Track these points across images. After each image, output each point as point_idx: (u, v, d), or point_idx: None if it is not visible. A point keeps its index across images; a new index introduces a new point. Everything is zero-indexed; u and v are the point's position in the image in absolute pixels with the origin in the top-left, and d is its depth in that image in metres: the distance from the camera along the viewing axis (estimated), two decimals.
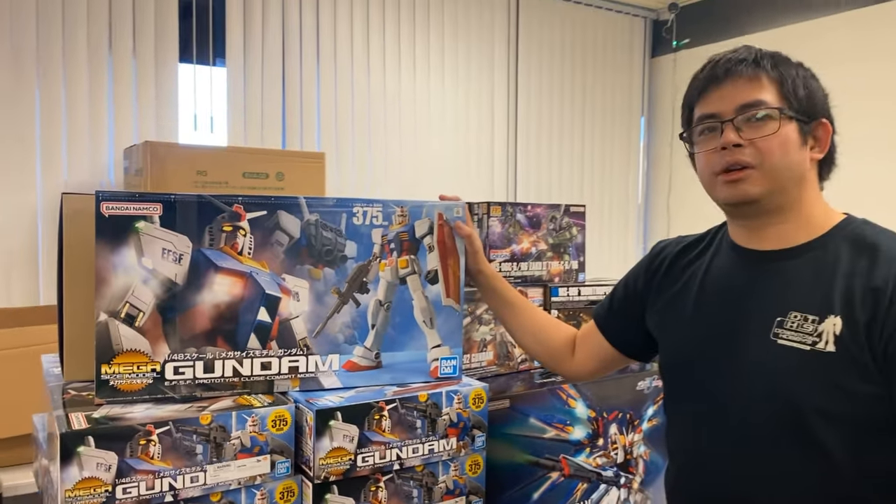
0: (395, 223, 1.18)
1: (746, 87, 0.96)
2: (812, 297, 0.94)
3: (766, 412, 0.96)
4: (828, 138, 1.00)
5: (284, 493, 1.07)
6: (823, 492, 0.93)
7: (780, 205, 0.98)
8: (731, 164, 0.96)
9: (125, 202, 1.02)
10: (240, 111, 2.94)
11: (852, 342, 0.90)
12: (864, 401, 0.90)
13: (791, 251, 0.99)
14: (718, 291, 1.05)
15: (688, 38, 4.11)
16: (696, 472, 1.07)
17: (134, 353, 1.04)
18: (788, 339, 0.94)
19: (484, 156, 3.70)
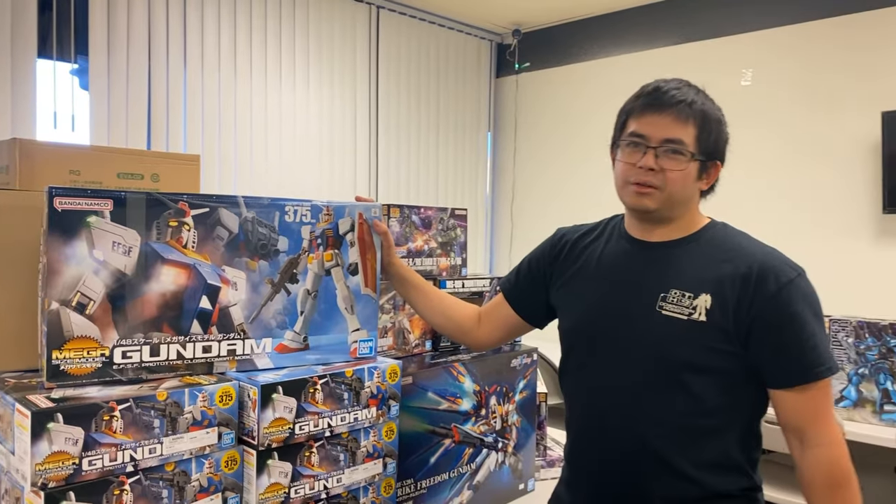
0: (322, 221, 1.34)
1: (675, 125, 1.18)
2: (688, 278, 1.20)
3: (653, 367, 1.21)
4: (717, 175, 1.26)
5: (229, 461, 1.19)
6: (695, 425, 1.19)
7: (669, 216, 1.24)
8: (642, 182, 1.20)
9: (77, 197, 1.10)
10: (103, 110, 2.87)
11: (720, 314, 1.16)
12: (726, 358, 1.17)
13: (673, 243, 1.25)
14: (613, 272, 1.29)
15: (528, 62, 4.55)
16: (591, 411, 1.30)
17: (84, 339, 1.11)
18: (670, 311, 1.19)
19: (347, 160, 3.85)
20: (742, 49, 3.64)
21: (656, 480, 1.22)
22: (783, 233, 3.50)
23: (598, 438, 1.28)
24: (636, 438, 1.22)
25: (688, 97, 1.20)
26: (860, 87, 3.28)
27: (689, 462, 1.20)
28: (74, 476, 1.02)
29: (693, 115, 1.19)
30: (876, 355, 2.70)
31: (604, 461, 1.28)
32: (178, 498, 1.13)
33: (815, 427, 1.16)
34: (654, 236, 1.27)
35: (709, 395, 1.18)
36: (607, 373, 1.26)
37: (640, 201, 1.21)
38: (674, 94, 1.20)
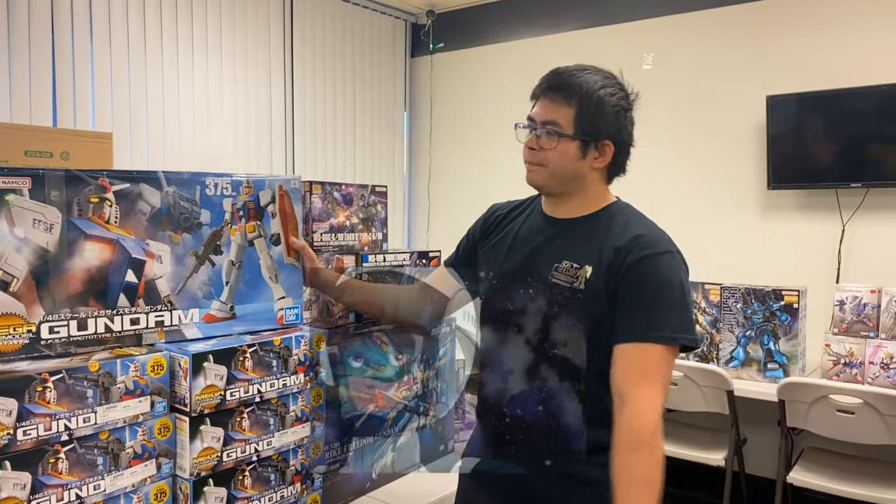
0: (243, 193, 1.39)
1: (553, 107, 1.31)
2: (578, 251, 1.32)
3: (540, 331, 1.34)
4: (610, 154, 1.33)
5: (161, 428, 1.23)
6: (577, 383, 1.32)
7: (562, 191, 1.36)
8: (528, 159, 1.35)
9: None
10: (3, 85, 2.75)
11: (596, 283, 1.28)
12: (601, 324, 1.28)
13: (574, 220, 1.37)
14: (524, 243, 1.41)
15: (442, 43, 4.62)
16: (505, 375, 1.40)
17: (9, 316, 1.12)
18: (558, 279, 1.32)
19: (263, 138, 3.83)
20: (643, 34, 3.85)
21: (545, 436, 1.34)
22: (679, 207, 3.77)
23: (498, 399, 1.40)
24: (528, 397, 1.34)
25: (568, 81, 1.31)
26: (749, 73, 3.54)
27: (574, 418, 1.31)
28: (9, 446, 1.04)
29: (570, 98, 1.29)
30: (761, 318, 2.97)
31: (502, 416, 1.39)
32: (112, 465, 1.17)
33: (635, 388, 1.21)
34: (559, 212, 1.39)
35: (587, 356, 1.29)
36: (514, 340, 1.38)
37: (529, 177, 1.36)
38: (556, 79, 1.32)
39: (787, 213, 3.49)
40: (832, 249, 3.36)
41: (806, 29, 3.40)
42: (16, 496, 1.05)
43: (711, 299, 3.10)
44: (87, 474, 1.13)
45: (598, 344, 1.29)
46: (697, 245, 3.69)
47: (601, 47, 3.98)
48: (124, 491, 1.18)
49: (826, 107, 3.25)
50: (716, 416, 3.01)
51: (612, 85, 1.33)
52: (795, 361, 2.91)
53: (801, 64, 3.39)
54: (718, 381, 2.87)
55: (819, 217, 3.40)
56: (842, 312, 2.90)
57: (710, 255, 3.64)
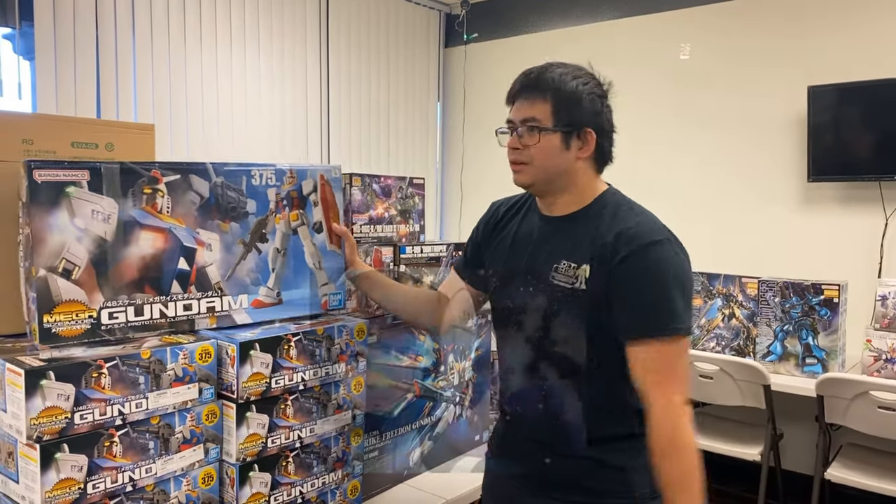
0: (286, 183, 1.42)
1: (529, 106, 1.30)
2: (575, 250, 1.30)
3: (544, 329, 1.32)
4: (592, 142, 1.31)
5: (209, 415, 1.27)
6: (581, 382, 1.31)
7: (553, 188, 1.33)
8: (513, 160, 1.33)
9: (55, 169, 1.15)
10: (50, 78, 2.82)
11: (595, 282, 1.26)
12: (599, 321, 1.26)
13: (568, 217, 1.34)
14: (523, 243, 1.40)
15: (476, 33, 4.61)
16: (508, 372, 1.43)
17: (72, 302, 1.17)
18: (558, 280, 1.30)
19: (299, 130, 3.88)
20: (681, 24, 3.79)
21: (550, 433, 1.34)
22: (717, 199, 3.72)
23: (510, 397, 1.42)
24: (533, 397, 1.35)
25: (539, 79, 1.30)
26: (789, 63, 3.47)
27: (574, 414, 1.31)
28: (67, 429, 1.09)
29: (544, 93, 1.29)
30: (799, 313, 2.93)
31: (514, 415, 1.41)
32: (163, 449, 1.21)
33: (652, 391, 1.22)
34: (554, 210, 1.37)
35: (592, 355, 1.28)
36: (515, 338, 1.38)
37: (516, 178, 1.34)
38: (527, 80, 1.32)
39: (828, 206, 3.43)
40: (874, 243, 3.30)
41: (848, 18, 3.32)
42: (73, 478, 1.10)
43: (749, 293, 3.07)
44: (139, 458, 1.17)
45: (605, 341, 1.27)
46: (736, 238, 3.66)
47: (637, 37, 3.93)
48: (174, 474, 1.22)
49: (869, 98, 3.18)
50: (751, 411, 2.98)
51: (583, 75, 1.32)
52: (835, 357, 2.86)
53: (843, 54, 3.32)
54: (755, 375, 2.84)
55: (861, 210, 3.33)
56: (884, 308, 2.85)
57: (749, 248, 3.60)
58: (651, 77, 3.88)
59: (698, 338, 3.19)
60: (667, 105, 3.85)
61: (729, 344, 3.11)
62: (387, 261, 1.79)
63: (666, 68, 3.83)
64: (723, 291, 3.14)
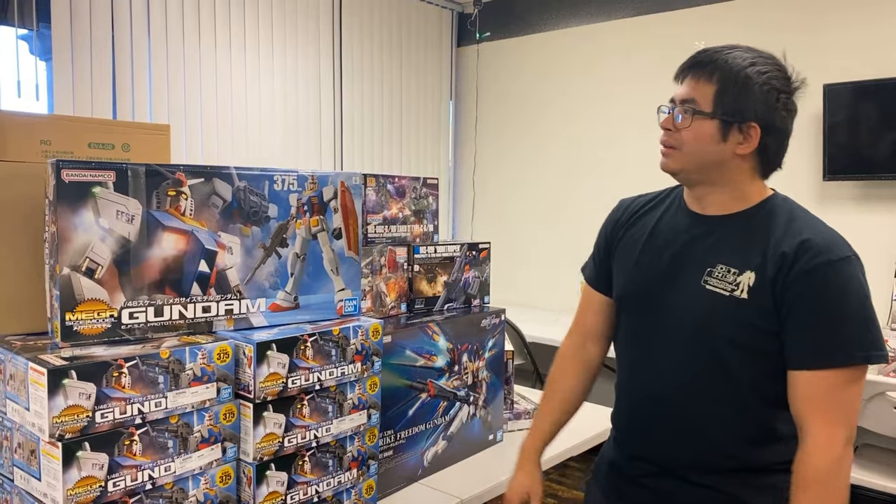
0: (307, 189, 1.43)
1: (692, 85, 1.20)
2: (736, 255, 1.18)
3: (695, 342, 1.21)
4: (756, 138, 1.18)
5: (227, 414, 1.28)
6: (737, 401, 1.20)
7: (702, 180, 1.22)
8: (663, 142, 1.24)
9: (82, 170, 1.16)
10: (66, 78, 2.85)
11: (761, 292, 1.14)
12: (768, 338, 1.15)
13: (726, 217, 1.23)
14: (666, 241, 1.28)
15: (489, 32, 4.61)
16: (636, 378, 1.32)
17: (94, 301, 1.18)
18: (714, 286, 1.18)
19: (312, 129, 3.89)
20: (695, 22, 3.77)
21: (687, 447, 1.24)
22: None
23: (642, 409, 1.31)
24: (676, 412, 1.24)
25: (712, 57, 1.19)
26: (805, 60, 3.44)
27: (730, 435, 1.21)
28: (88, 428, 1.10)
29: (713, 74, 1.18)
30: None
31: (647, 429, 1.30)
32: (182, 448, 1.22)
33: (816, 423, 1.11)
34: (708, 209, 1.25)
35: (751, 372, 1.18)
36: (651, 345, 1.27)
37: (664, 162, 1.24)
38: (698, 56, 1.22)
39: (843, 205, 3.41)
40: (891, 242, 3.27)
41: (863, 16, 3.29)
42: (94, 475, 1.11)
43: None
44: (158, 456, 1.19)
45: (761, 360, 1.17)
46: None
47: (650, 35, 3.92)
48: (192, 473, 1.24)
49: (885, 96, 3.16)
50: None
51: (765, 63, 1.20)
52: None
53: (859, 52, 3.29)
54: None
55: (877, 209, 3.31)
56: None
57: None
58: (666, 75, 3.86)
59: None
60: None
61: None
62: (401, 261, 1.80)
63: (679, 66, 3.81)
64: None
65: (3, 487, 1.23)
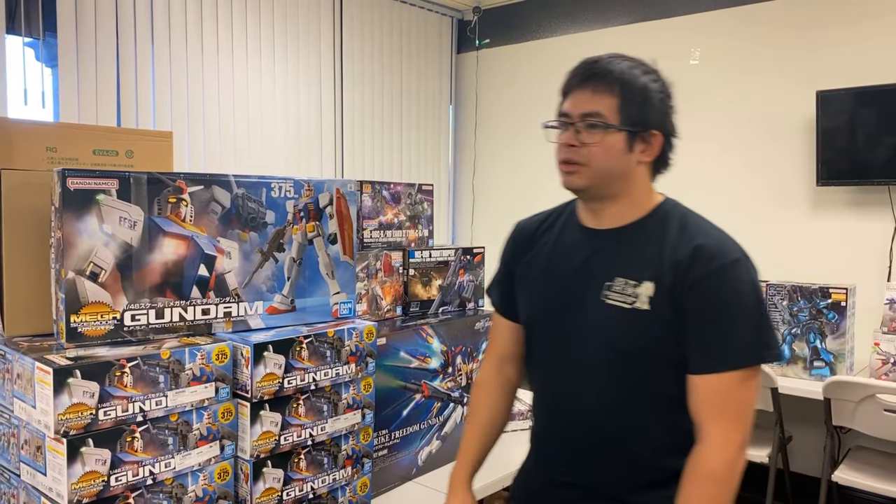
0: (304, 196, 1.48)
1: (591, 98, 1.16)
2: (633, 267, 1.17)
3: (603, 356, 1.20)
4: (658, 146, 1.20)
5: (225, 412, 1.33)
6: (647, 412, 1.19)
7: (607, 193, 1.20)
8: (566, 159, 1.19)
9: (87, 178, 1.21)
10: (72, 86, 2.91)
11: (661, 302, 1.14)
12: (671, 347, 1.15)
13: (621, 230, 1.22)
14: (564, 262, 1.26)
15: (488, 39, 4.67)
16: (554, 402, 1.30)
17: (98, 304, 1.24)
18: (614, 300, 1.18)
19: (313, 135, 3.95)
20: (690, 29, 3.82)
21: (615, 466, 1.22)
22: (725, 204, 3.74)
23: (559, 428, 1.29)
24: (593, 428, 1.22)
25: (606, 69, 1.17)
26: (798, 68, 3.49)
27: (649, 447, 1.20)
28: (92, 425, 1.15)
29: (612, 86, 1.16)
30: (807, 316, 2.95)
31: (566, 449, 1.28)
32: (181, 445, 1.27)
33: (714, 425, 1.12)
34: (603, 223, 1.24)
35: (659, 382, 1.17)
36: (564, 368, 1.26)
37: (569, 180, 1.20)
38: (592, 68, 1.18)
39: (837, 210, 3.45)
40: (884, 247, 3.31)
41: (856, 23, 3.34)
42: (98, 470, 1.16)
43: None
44: (158, 453, 1.24)
45: (668, 368, 1.16)
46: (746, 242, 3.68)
47: (647, 42, 3.97)
48: (191, 469, 1.28)
49: (878, 102, 3.20)
50: (760, 413, 3.00)
51: (652, 71, 1.22)
52: (843, 360, 2.88)
53: (852, 59, 3.34)
54: (763, 378, 2.87)
55: (870, 214, 3.35)
56: (892, 311, 2.86)
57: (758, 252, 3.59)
58: None
59: None
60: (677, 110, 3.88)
61: None
62: (396, 265, 1.85)
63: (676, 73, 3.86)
64: None
65: (10, 482, 1.28)
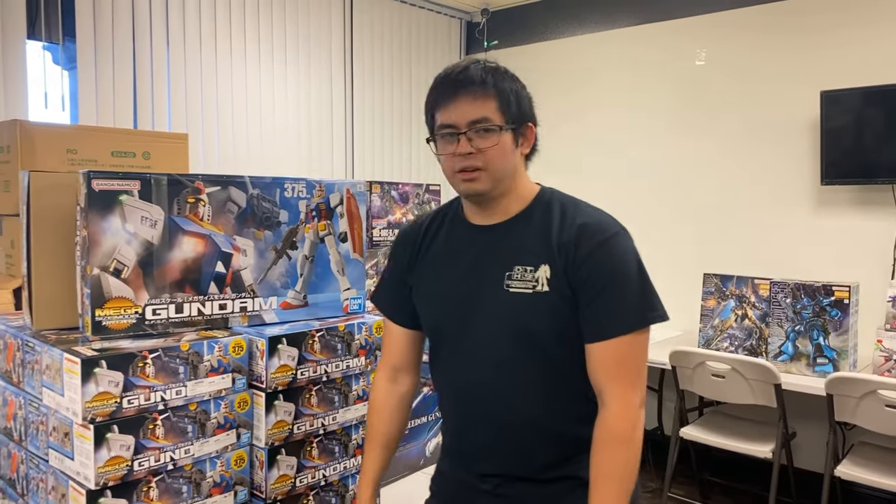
0: (315, 196, 1.54)
1: (474, 105, 1.18)
2: (527, 253, 1.22)
3: (514, 345, 1.22)
4: (532, 136, 1.26)
5: (241, 402, 1.40)
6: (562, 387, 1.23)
7: (501, 191, 1.24)
8: (466, 167, 1.20)
9: (110, 179, 1.28)
10: (90, 90, 3.00)
11: (557, 281, 1.19)
12: (573, 323, 1.19)
13: (508, 222, 1.26)
14: (458, 262, 1.28)
15: (496, 40, 4.72)
16: (469, 401, 1.29)
17: (121, 299, 1.31)
18: (517, 287, 1.21)
19: (324, 137, 4.02)
20: (696, 30, 3.86)
21: (534, 446, 1.25)
22: (730, 203, 3.78)
23: (476, 420, 1.29)
24: (512, 413, 1.25)
25: (476, 76, 1.20)
26: (802, 68, 3.53)
27: (564, 421, 1.24)
28: (116, 412, 1.22)
29: (487, 91, 1.19)
30: (810, 313, 2.99)
31: (485, 441, 1.28)
32: (200, 432, 1.34)
33: (613, 387, 1.17)
34: (491, 218, 1.27)
35: (567, 357, 1.22)
36: (474, 360, 1.26)
37: (471, 186, 1.22)
38: (462, 77, 1.20)
39: (841, 209, 3.48)
40: (887, 245, 3.34)
41: (860, 23, 3.37)
42: (122, 455, 1.23)
43: (761, 294, 3.13)
44: (179, 440, 1.31)
45: (574, 344, 1.21)
46: (749, 240, 3.72)
47: (654, 43, 4.01)
48: (209, 456, 1.35)
49: (882, 102, 3.23)
50: (764, 410, 3.04)
51: (504, 69, 1.25)
52: (846, 356, 2.92)
53: (855, 59, 3.36)
54: (766, 374, 2.91)
55: (874, 213, 3.38)
56: (895, 308, 2.90)
57: (762, 250, 3.66)
58: (667, 82, 3.96)
59: (712, 338, 3.26)
60: (682, 109, 3.92)
61: (742, 344, 3.18)
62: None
63: (682, 74, 3.91)
64: (735, 293, 3.21)
65: (39, 468, 1.35)
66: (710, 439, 3.14)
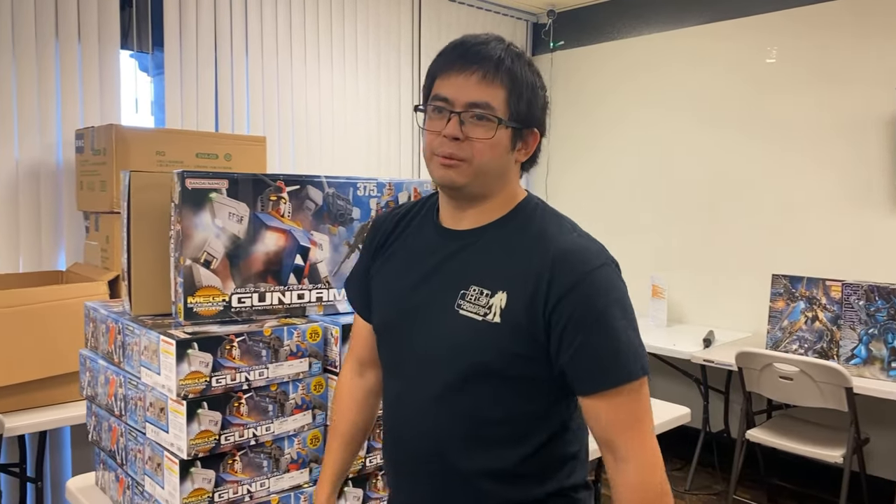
0: (385, 195, 1.64)
1: (480, 86, 1.02)
2: (487, 274, 1.06)
3: (446, 372, 1.08)
4: (535, 145, 1.09)
5: (316, 385, 1.50)
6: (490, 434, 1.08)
7: (480, 193, 1.08)
8: (448, 154, 1.03)
9: (202, 178, 1.41)
10: (176, 95, 3.20)
11: (515, 315, 1.02)
12: (526, 363, 1.04)
13: (479, 231, 1.09)
14: (415, 266, 1.15)
15: (563, 41, 4.75)
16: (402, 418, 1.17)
17: (210, 288, 1.43)
18: (467, 311, 1.05)
19: (392, 140, 4.14)
20: (766, 28, 3.79)
21: (453, 492, 1.12)
22: (804, 203, 3.70)
23: (400, 443, 1.19)
24: (431, 447, 1.12)
25: (495, 54, 1.04)
26: (876, 64, 3.43)
27: (484, 473, 1.09)
28: (206, 390, 1.34)
29: (501, 75, 1.03)
30: (885, 316, 2.91)
31: (406, 466, 1.19)
32: (279, 412, 1.45)
33: (625, 439, 1.02)
34: (463, 223, 1.12)
35: (504, 401, 1.07)
36: (408, 377, 1.15)
37: (447, 174, 1.05)
38: (479, 50, 1.04)
39: None
40: None
41: None
42: (211, 430, 1.35)
43: (832, 296, 3.07)
44: (260, 418, 1.42)
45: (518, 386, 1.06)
46: (820, 241, 3.64)
47: (723, 42, 3.96)
48: (288, 434, 1.46)
49: None
50: (835, 414, 2.98)
51: (531, 63, 1.09)
52: None
53: None
54: (836, 377, 2.85)
55: None
56: None
57: (835, 251, 3.57)
58: (736, 81, 3.90)
59: (780, 339, 3.21)
60: (753, 109, 3.86)
61: (812, 346, 3.12)
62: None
63: (753, 72, 3.85)
64: (806, 294, 3.16)
65: (137, 440, 1.49)
66: (777, 442, 3.10)
